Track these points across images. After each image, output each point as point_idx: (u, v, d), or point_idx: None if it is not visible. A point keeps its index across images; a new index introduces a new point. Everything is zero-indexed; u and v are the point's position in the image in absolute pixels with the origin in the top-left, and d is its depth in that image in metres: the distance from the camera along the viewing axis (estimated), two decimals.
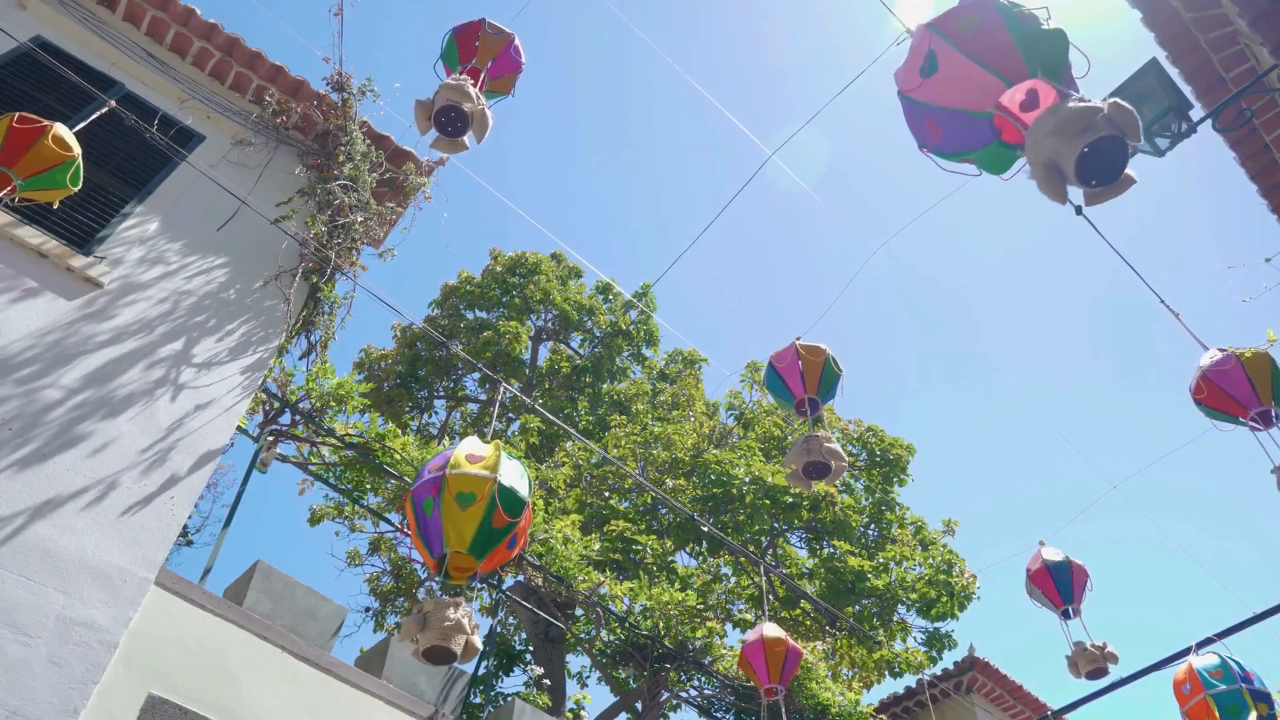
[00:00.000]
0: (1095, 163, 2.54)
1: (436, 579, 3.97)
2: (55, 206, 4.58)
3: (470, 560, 3.88)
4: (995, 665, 10.76)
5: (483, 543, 3.84)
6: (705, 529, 9.37)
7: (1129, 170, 2.59)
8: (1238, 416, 4.90)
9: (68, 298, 4.69)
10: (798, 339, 5.49)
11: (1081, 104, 2.52)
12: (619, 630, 8.95)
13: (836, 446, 5.10)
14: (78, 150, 4.10)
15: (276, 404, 5.93)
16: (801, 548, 11.72)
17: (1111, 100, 2.54)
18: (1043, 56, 2.71)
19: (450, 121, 4.46)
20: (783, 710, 6.42)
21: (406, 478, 6.40)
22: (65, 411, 4.35)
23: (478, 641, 3.86)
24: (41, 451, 4.16)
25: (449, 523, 3.82)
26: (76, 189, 4.16)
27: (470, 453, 4.05)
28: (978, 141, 2.89)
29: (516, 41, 5.02)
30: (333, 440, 6.30)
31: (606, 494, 11.30)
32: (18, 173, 3.92)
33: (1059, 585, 5.93)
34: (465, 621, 3.81)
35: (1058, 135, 2.52)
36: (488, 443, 4.18)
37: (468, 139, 4.57)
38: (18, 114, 3.97)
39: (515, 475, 4.02)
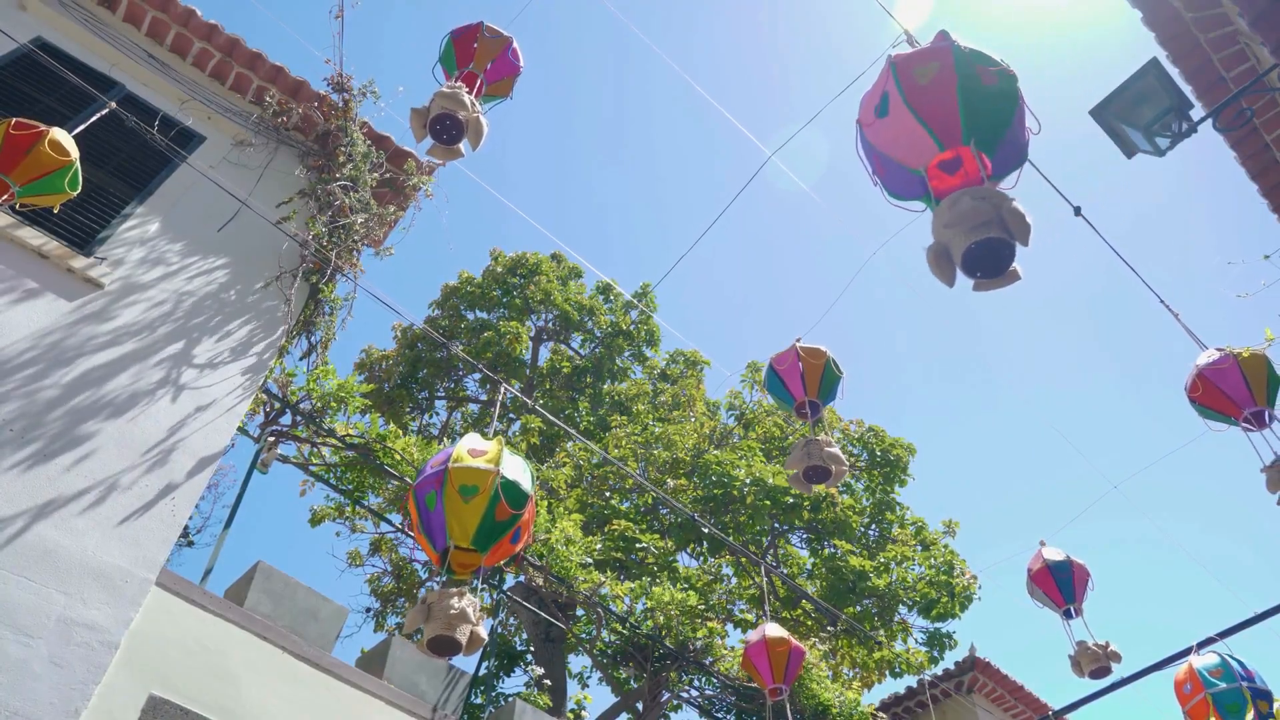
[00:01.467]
0: (982, 257, 2.68)
1: (439, 575, 3.96)
2: (56, 209, 4.58)
3: (474, 554, 3.88)
4: (996, 665, 10.76)
5: (486, 536, 3.84)
6: (706, 529, 9.37)
7: (1015, 266, 2.73)
8: (1231, 416, 4.90)
9: (68, 299, 4.69)
10: (798, 340, 5.49)
11: (980, 200, 2.64)
12: (620, 630, 8.95)
13: (837, 451, 5.11)
14: (75, 154, 4.08)
15: (277, 405, 5.94)
16: (802, 548, 11.72)
17: (1011, 203, 2.66)
18: (981, 123, 2.78)
19: (446, 129, 4.47)
20: (787, 710, 6.42)
21: (407, 478, 6.40)
22: (66, 412, 4.35)
23: (483, 632, 3.84)
24: (42, 452, 4.17)
25: (452, 516, 3.82)
26: (75, 193, 4.15)
27: (473, 447, 4.06)
28: (912, 193, 2.98)
29: (515, 44, 5.03)
30: (333, 441, 6.30)
31: (607, 494, 11.30)
32: (15, 179, 3.90)
33: (1060, 585, 5.92)
34: (470, 611, 3.78)
35: (951, 229, 2.67)
36: (490, 440, 4.19)
37: (463, 146, 4.58)
38: (14, 119, 3.96)
39: (518, 469, 4.02)
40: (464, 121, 4.45)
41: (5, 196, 3.90)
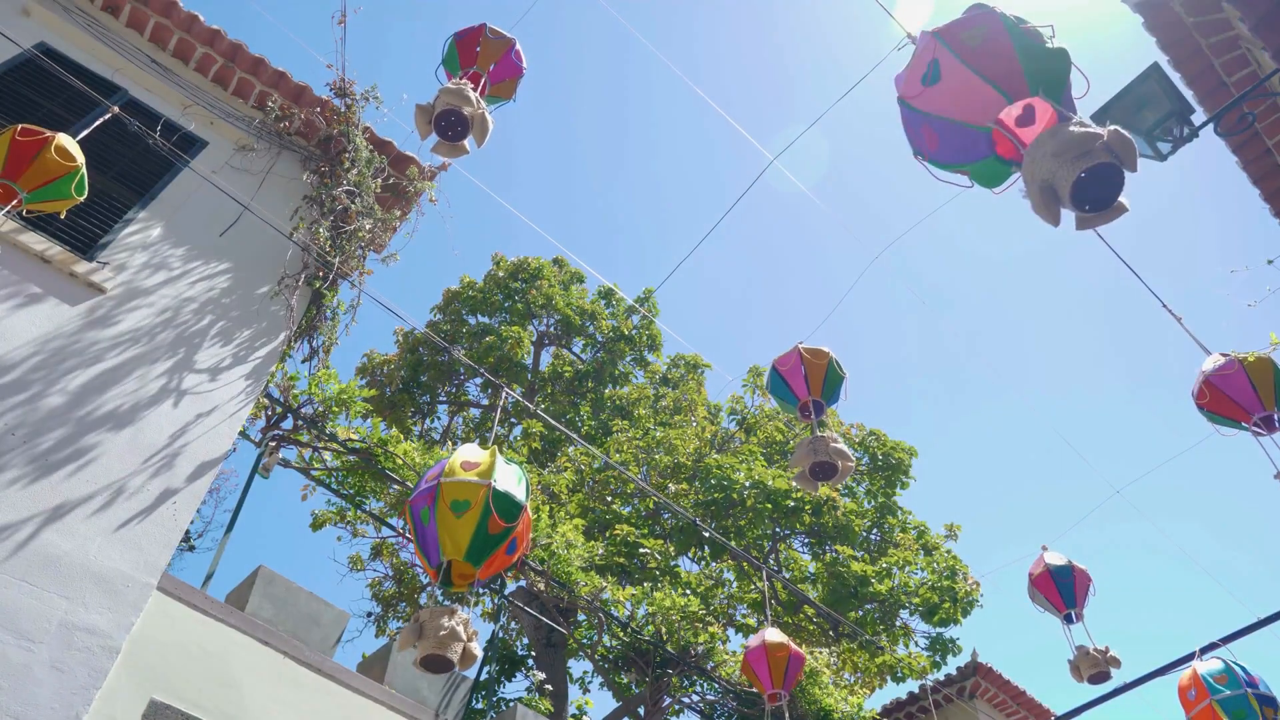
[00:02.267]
0: (1091, 188, 2.58)
1: (438, 588, 3.96)
2: (60, 214, 4.59)
3: (469, 567, 3.88)
4: (998, 670, 10.73)
5: (479, 550, 3.83)
6: (707, 534, 9.36)
7: (1122, 198, 2.64)
8: (1240, 421, 4.89)
9: (71, 304, 4.70)
10: (800, 343, 5.50)
11: (1082, 129, 2.57)
12: (621, 635, 8.93)
13: (843, 446, 5.09)
14: (81, 160, 4.09)
15: (279, 409, 5.94)
16: (804, 552, 11.71)
17: (1112, 128, 2.58)
18: (1045, 75, 2.74)
19: (450, 126, 4.46)
20: (786, 715, 6.40)
21: (408, 483, 6.40)
22: (68, 417, 4.36)
23: (476, 649, 3.85)
24: (44, 457, 4.17)
25: (444, 532, 3.81)
26: (82, 198, 4.16)
27: (465, 460, 4.04)
28: (974, 154, 2.92)
29: (518, 46, 5.04)
30: (335, 445, 6.30)
31: (609, 499, 11.29)
32: (22, 185, 3.91)
33: (1061, 590, 5.91)
34: (461, 629, 3.80)
35: (1057, 158, 2.57)
36: (486, 449, 4.18)
37: (468, 143, 4.58)
38: (20, 126, 3.97)
39: (511, 480, 4.01)
40: (469, 118, 4.44)
41: (13, 203, 3.91)
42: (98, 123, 5.12)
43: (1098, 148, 2.53)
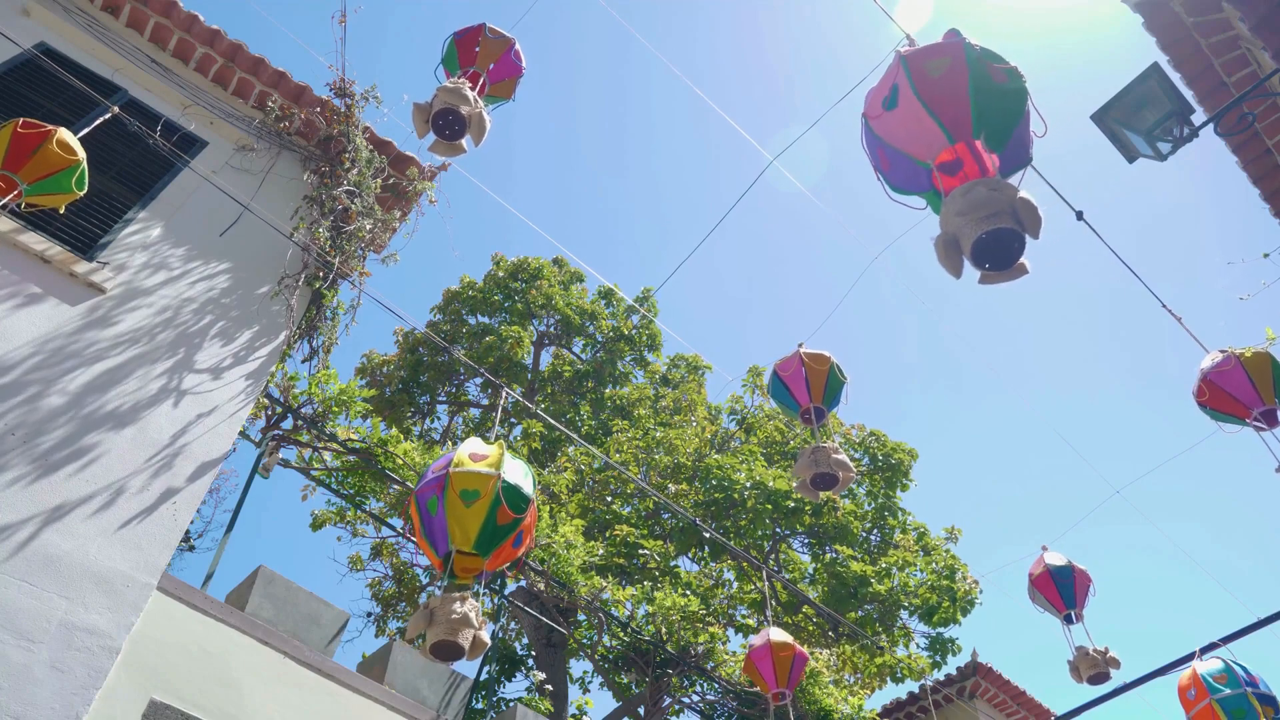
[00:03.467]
0: (992, 247, 2.67)
1: (441, 580, 3.96)
2: (61, 211, 4.59)
3: (476, 558, 3.88)
4: (998, 670, 10.74)
5: (488, 540, 3.83)
6: (707, 534, 9.36)
7: (1023, 260, 2.72)
8: (1241, 417, 4.90)
9: (71, 303, 4.70)
10: (801, 345, 5.49)
11: (990, 191, 2.64)
12: (621, 635, 8.93)
13: (844, 457, 5.11)
14: (82, 155, 4.11)
15: (279, 409, 5.94)
16: (804, 553, 11.71)
17: (1021, 194, 2.65)
18: (993, 117, 2.78)
19: (448, 125, 4.46)
20: (790, 715, 6.40)
21: (408, 483, 6.40)
22: (68, 417, 4.36)
23: (486, 636, 3.82)
24: (44, 457, 4.17)
25: (454, 520, 3.81)
26: (82, 193, 4.16)
27: (474, 451, 4.05)
28: (918, 185, 2.97)
29: (517, 46, 5.04)
30: (335, 445, 6.30)
31: (609, 499, 11.29)
32: (23, 178, 3.92)
33: (1061, 590, 5.92)
34: (473, 615, 3.76)
35: (962, 216, 2.66)
36: (491, 444, 4.18)
37: (466, 142, 4.57)
38: (22, 119, 3.98)
39: (519, 473, 4.02)
40: (467, 117, 4.44)
41: (13, 195, 3.91)
42: (98, 122, 5.12)
43: (1002, 211, 2.61)
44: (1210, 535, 26.10)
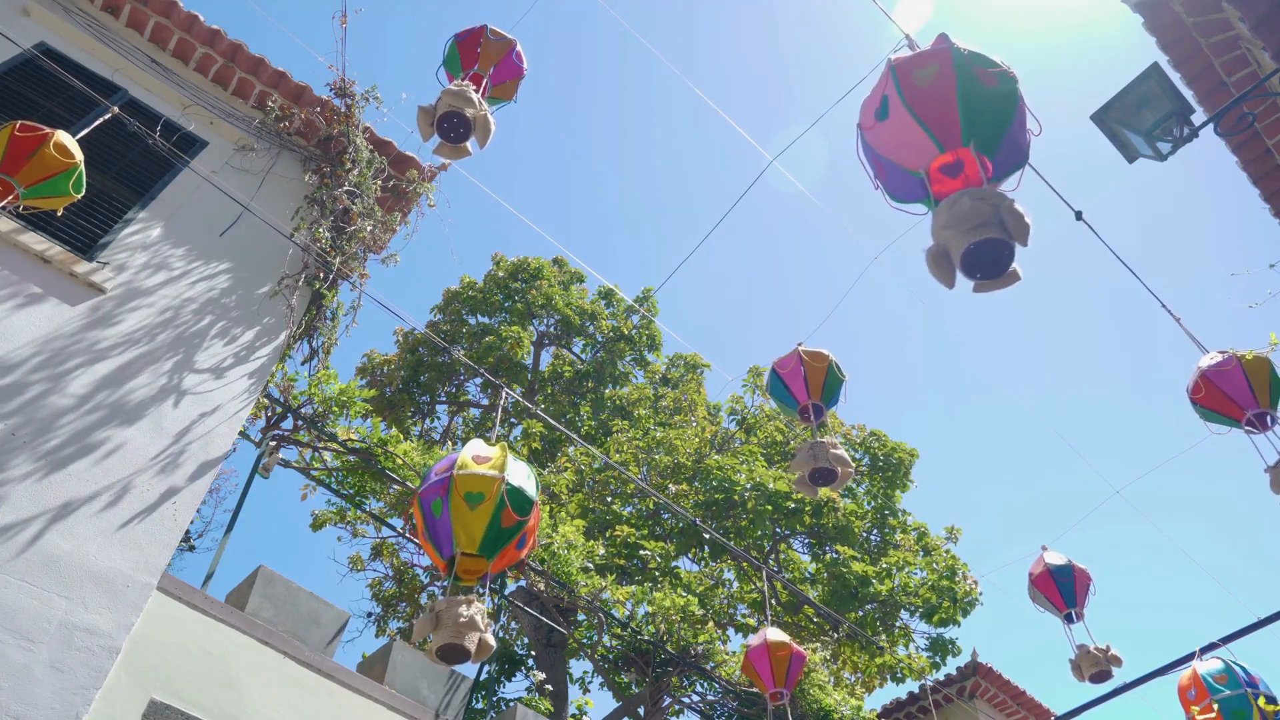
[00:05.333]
0: (982, 257, 2.67)
1: (443, 580, 3.95)
2: (59, 214, 4.58)
3: (480, 561, 3.88)
4: (998, 670, 10.74)
5: (492, 542, 3.84)
6: (707, 534, 9.36)
7: (1014, 267, 2.72)
8: (1234, 418, 4.90)
9: (71, 304, 4.70)
10: (800, 344, 5.49)
11: (979, 201, 2.64)
12: (621, 635, 8.93)
13: (843, 452, 5.10)
14: (80, 157, 4.10)
15: (279, 409, 5.94)
16: (804, 553, 11.71)
17: (1009, 202, 2.64)
18: (981, 124, 2.77)
19: (453, 127, 4.47)
20: (788, 714, 6.40)
21: (408, 483, 6.40)
22: (68, 418, 4.36)
23: (491, 639, 3.82)
24: (45, 458, 4.17)
25: (458, 523, 3.82)
26: (79, 196, 4.16)
27: (477, 454, 4.05)
28: (914, 196, 2.96)
29: (519, 47, 5.04)
30: (335, 445, 6.30)
31: (609, 499, 11.29)
32: (20, 181, 3.91)
33: (1061, 589, 5.92)
34: (478, 618, 3.76)
35: (950, 229, 2.67)
36: (493, 445, 4.19)
37: (470, 145, 4.58)
38: (19, 122, 3.97)
39: (522, 475, 4.02)
40: (471, 119, 4.44)
41: (10, 198, 3.91)
42: (98, 122, 5.12)
43: (989, 222, 2.62)
44: (1210, 535, 26.11)
